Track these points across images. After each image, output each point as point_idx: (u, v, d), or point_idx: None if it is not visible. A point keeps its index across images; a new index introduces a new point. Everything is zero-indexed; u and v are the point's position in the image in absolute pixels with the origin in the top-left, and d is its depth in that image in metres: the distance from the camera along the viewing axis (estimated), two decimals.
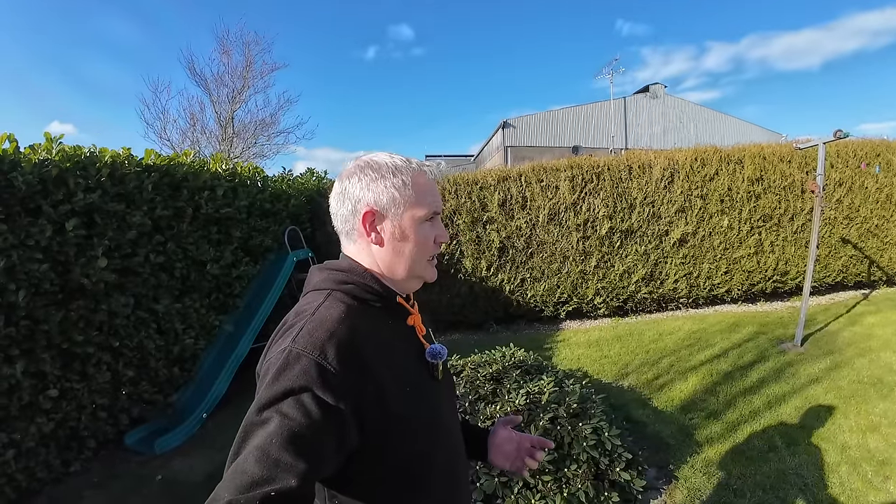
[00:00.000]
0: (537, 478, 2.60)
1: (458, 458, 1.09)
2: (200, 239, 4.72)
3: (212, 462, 3.86)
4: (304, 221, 6.28)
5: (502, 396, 3.06)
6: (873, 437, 3.26)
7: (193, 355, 4.70)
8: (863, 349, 4.89)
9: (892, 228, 6.49)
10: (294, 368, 0.76)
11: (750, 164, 6.15)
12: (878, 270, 6.62)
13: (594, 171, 5.99)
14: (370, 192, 0.94)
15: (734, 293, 6.31)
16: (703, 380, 4.39)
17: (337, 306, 0.88)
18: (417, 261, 0.98)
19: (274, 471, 0.68)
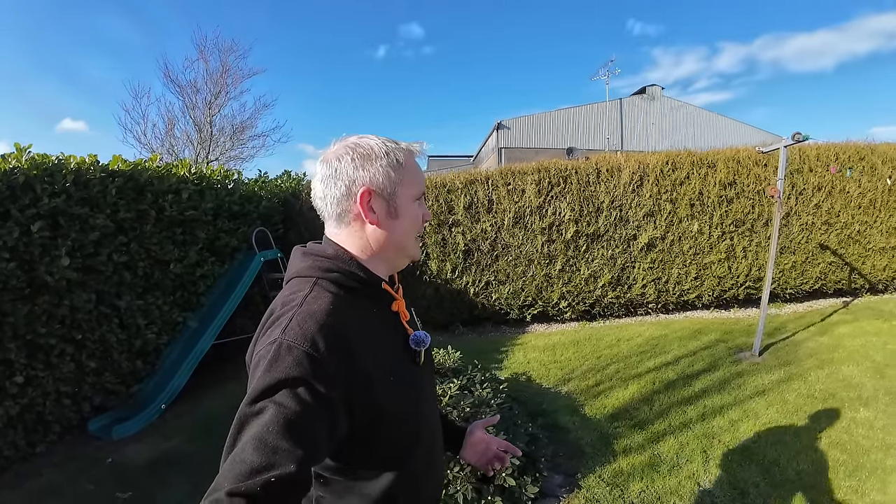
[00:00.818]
0: None
1: (435, 441, 1.12)
2: (164, 240, 4.88)
3: (158, 449, 4.04)
4: (276, 223, 6.40)
5: None
6: (805, 458, 3.05)
7: (156, 349, 4.86)
8: (824, 361, 4.68)
9: (875, 234, 6.17)
10: (286, 360, 0.77)
11: (723, 168, 5.94)
12: (860, 278, 6.30)
13: (561, 175, 5.89)
14: (366, 171, 0.93)
15: (705, 299, 6.11)
16: (644, 388, 4.28)
17: (324, 296, 0.88)
18: (408, 239, 1.00)
19: (273, 457, 0.69)
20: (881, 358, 4.66)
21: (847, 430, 3.36)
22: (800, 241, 6.11)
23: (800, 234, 6.10)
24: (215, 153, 14.71)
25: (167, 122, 14.85)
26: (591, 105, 20.10)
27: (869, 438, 3.22)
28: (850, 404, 3.72)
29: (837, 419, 3.52)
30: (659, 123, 20.97)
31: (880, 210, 6.19)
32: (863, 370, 4.41)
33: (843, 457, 3.04)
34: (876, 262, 6.31)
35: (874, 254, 6.28)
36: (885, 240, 6.24)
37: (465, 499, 2.54)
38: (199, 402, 4.86)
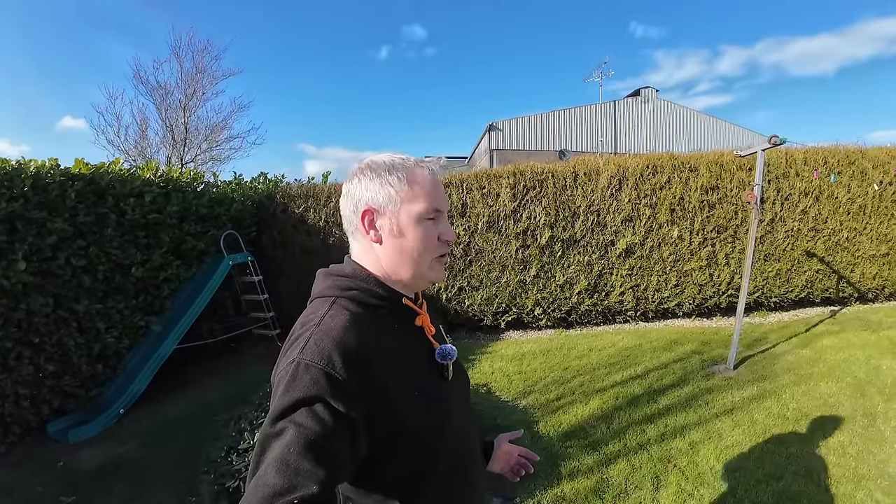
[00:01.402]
0: None
1: (469, 456, 1.07)
2: (126, 243, 4.81)
3: (109, 454, 3.98)
4: (249, 225, 6.30)
5: None
6: (765, 489, 2.80)
7: (116, 353, 4.82)
8: (802, 376, 4.43)
9: (865, 242, 5.87)
10: (304, 379, 0.76)
11: (705, 172, 5.69)
12: (849, 286, 6.01)
13: (537, 179, 5.69)
14: (368, 190, 0.94)
15: (686, 307, 5.87)
16: (606, 403, 4.07)
17: (342, 314, 0.87)
18: (420, 259, 0.95)
19: (295, 479, 0.68)
20: (863, 374, 4.39)
21: (817, 456, 3.11)
22: (785, 248, 5.83)
23: (785, 241, 5.81)
24: (190, 155, 14.62)
25: (140, 124, 14.81)
26: (585, 107, 19.76)
27: (840, 467, 2.97)
28: (824, 427, 3.46)
29: (808, 444, 3.26)
30: (653, 126, 20.62)
31: (870, 216, 5.87)
32: (842, 388, 4.13)
33: (809, 488, 2.79)
34: (865, 270, 6.00)
35: (864, 261, 5.98)
36: (876, 247, 5.93)
37: None
38: (159, 407, 4.77)
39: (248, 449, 2.81)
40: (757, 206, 4.45)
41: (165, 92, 14.85)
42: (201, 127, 15.44)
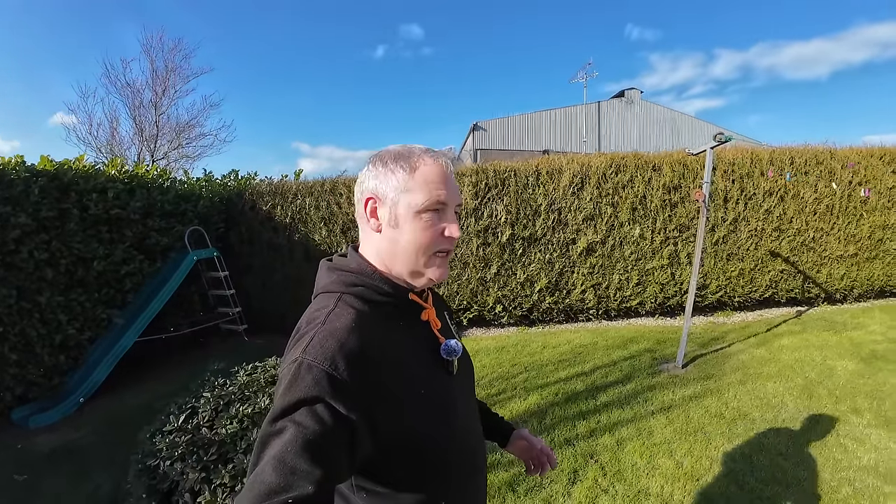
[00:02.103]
0: (239, 479, 2.54)
1: (474, 449, 1.08)
2: (89, 238, 4.97)
3: (64, 439, 4.17)
4: (217, 222, 6.48)
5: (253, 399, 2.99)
6: (681, 489, 2.81)
7: (78, 344, 4.99)
8: (751, 375, 4.44)
9: (833, 242, 5.84)
10: (305, 379, 0.77)
11: (668, 171, 5.72)
12: (815, 287, 5.96)
13: (500, 177, 5.74)
14: (375, 179, 0.93)
15: (648, 306, 5.89)
16: (544, 399, 4.13)
17: (347, 313, 0.86)
18: (417, 254, 0.92)
19: (291, 478, 0.69)
20: (815, 375, 4.37)
21: (745, 457, 3.07)
22: (748, 247, 5.82)
23: (748, 241, 5.81)
24: (161, 152, 14.91)
25: (111, 122, 15.21)
26: (569, 108, 19.86)
27: (769, 469, 2.92)
28: (761, 427, 3.43)
29: (739, 444, 3.23)
30: (637, 127, 20.76)
31: (838, 217, 5.84)
32: (790, 388, 4.10)
33: (730, 490, 2.76)
34: (833, 271, 5.96)
35: (831, 262, 5.95)
36: (843, 248, 5.90)
37: None
38: (118, 397, 4.93)
39: (172, 431, 2.91)
40: (705, 204, 4.45)
41: (134, 91, 15.28)
42: (172, 124, 15.86)
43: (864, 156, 5.96)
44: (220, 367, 3.73)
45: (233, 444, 2.76)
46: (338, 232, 6.05)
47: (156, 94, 15.42)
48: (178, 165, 15.58)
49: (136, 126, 15.26)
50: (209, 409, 3.10)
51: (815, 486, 2.77)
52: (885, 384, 4.07)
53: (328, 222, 6.08)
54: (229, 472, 2.56)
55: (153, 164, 12.85)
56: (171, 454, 2.76)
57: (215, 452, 2.75)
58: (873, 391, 3.94)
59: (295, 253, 6.16)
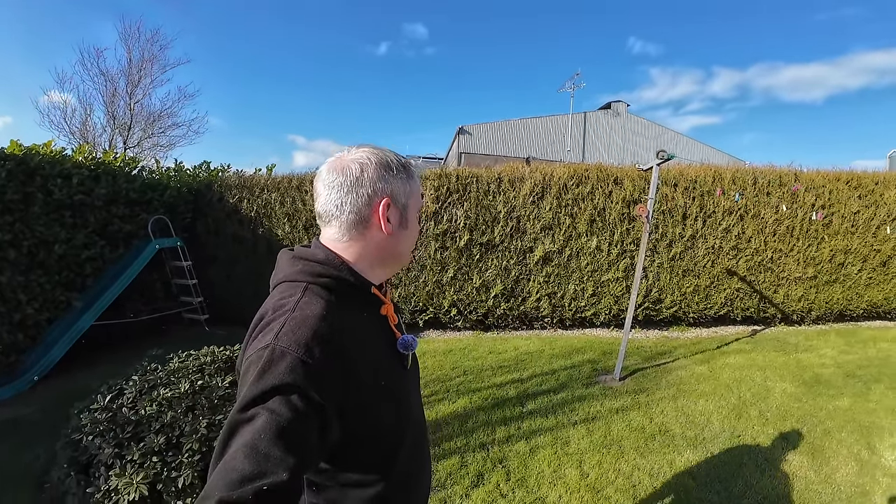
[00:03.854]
0: (148, 457, 2.72)
1: (423, 443, 1.17)
2: (51, 221, 5.16)
3: (14, 414, 4.48)
4: (184, 212, 6.76)
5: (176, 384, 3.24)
6: (580, 498, 2.94)
7: (36, 324, 5.23)
8: (684, 391, 4.59)
9: (791, 263, 5.98)
10: (279, 366, 0.78)
11: (629, 185, 5.86)
12: (772, 307, 6.06)
13: (462, 183, 5.91)
14: (387, 183, 0.98)
15: (603, 317, 6.07)
16: (473, 404, 4.31)
17: (317, 302, 0.89)
18: (410, 249, 1.06)
19: (265, 465, 0.70)
20: (750, 395, 4.49)
21: (653, 472, 3.21)
22: (705, 264, 5.99)
23: (705, 258, 5.97)
24: (133, 139, 15.29)
25: (85, 109, 15.69)
26: (555, 116, 20.20)
27: (674, 488, 3.04)
28: (679, 444, 3.55)
29: (650, 460, 3.34)
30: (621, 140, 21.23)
31: (798, 238, 5.99)
32: (720, 407, 4.23)
33: (629, 503, 2.91)
34: (791, 292, 6.10)
35: (789, 283, 6.10)
36: (802, 269, 6.05)
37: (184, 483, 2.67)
38: (72, 377, 5.19)
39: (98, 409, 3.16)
40: (648, 219, 4.60)
41: (108, 78, 15.77)
42: (145, 113, 16.35)
43: (829, 179, 6.09)
44: (157, 352, 3.97)
45: (147, 424, 3.02)
46: (300, 228, 6.29)
47: (131, 82, 15.97)
48: (150, 154, 16.11)
49: (109, 113, 15.84)
50: (134, 391, 3.36)
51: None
52: (821, 410, 4.16)
53: (292, 218, 6.32)
54: (140, 450, 2.80)
55: (124, 151, 13.22)
56: (93, 430, 3.05)
57: (130, 431, 3.01)
58: (805, 416, 4.03)
59: (258, 246, 6.40)
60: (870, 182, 6.15)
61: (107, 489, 2.69)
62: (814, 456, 3.43)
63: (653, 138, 22.32)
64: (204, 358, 3.74)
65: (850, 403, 4.28)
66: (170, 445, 2.87)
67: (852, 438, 3.68)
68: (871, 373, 4.95)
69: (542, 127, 20.82)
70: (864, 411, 4.13)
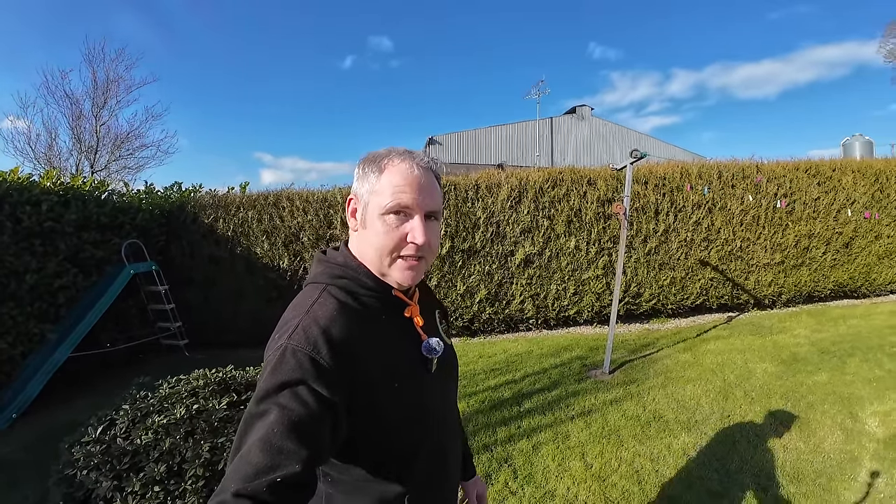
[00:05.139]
0: (150, 487, 2.65)
1: (445, 449, 1.12)
2: (21, 250, 5.04)
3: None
4: (157, 235, 6.61)
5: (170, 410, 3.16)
6: (585, 489, 3.00)
7: (11, 359, 5.04)
8: (671, 379, 4.73)
9: (759, 251, 6.26)
10: (289, 363, 0.81)
11: (603, 186, 6.06)
12: (744, 293, 6.34)
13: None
14: (355, 181, 1.01)
15: (585, 315, 6.22)
16: (469, 407, 4.30)
17: (330, 302, 0.91)
18: (381, 256, 0.96)
19: (278, 458, 0.72)
20: (734, 377, 4.68)
21: (653, 457, 3.31)
22: (679, 257, 6.21)
23: (679, 251, 6.20)
24: (100, 163, 14.99)
25: (49, 133, 15.37)
26: (523, 123, 20.88)
27: (674, 468, 3.16)
28: (674, 429, 3.68)
29: (649, 445, 3.45)
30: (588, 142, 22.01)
31: (763, 227, 6.27)
32: (707, 391, 4.39)
33: (633, 489, 2.99)
34: (761, 278, 6.38)
35: (758, 269, 6.38)
36: (770, 256, 6.34)
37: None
38: (52, 413, 5.01)
39: (89, 441, 3.06)
40: (625, 217, 4.76)
41: (73, 101, 15.47)
42: (112, 135, 16.05)
43: (789, 169, 6.43)
44: (144, 380, 3.87)
45: (145, 453, 2.93)
46: (279, 245, 6.23)
47: (96, 104, 15.65)
48: (119, 177, 15.73)
49: (75, 136, 15.48)
50: (126, 421, 3.27)
51: (719, 485, 2.95)
52: (802, 385, 4.39)
53: (270, 235, 6.26)
54: (140, 480, 2.73)
55: (91, 175, 12.88)
56: (87, 464, 2.93)
57: (128, 462, 2.92)
58: (788, 392, 4.25)
59: (237, 265, 6.32)
60: (827, 169, 6.53)
61: None
62: (801, 429, 3.60)
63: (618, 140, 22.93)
64: (196, 381, 3.67)
65: (829, 378, 4.51)
66: (171, 473, 2.81)
67: (835, 409, 3.88)
68: (844, 348, 5.23)
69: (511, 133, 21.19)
70: (842, 384, 4.36)
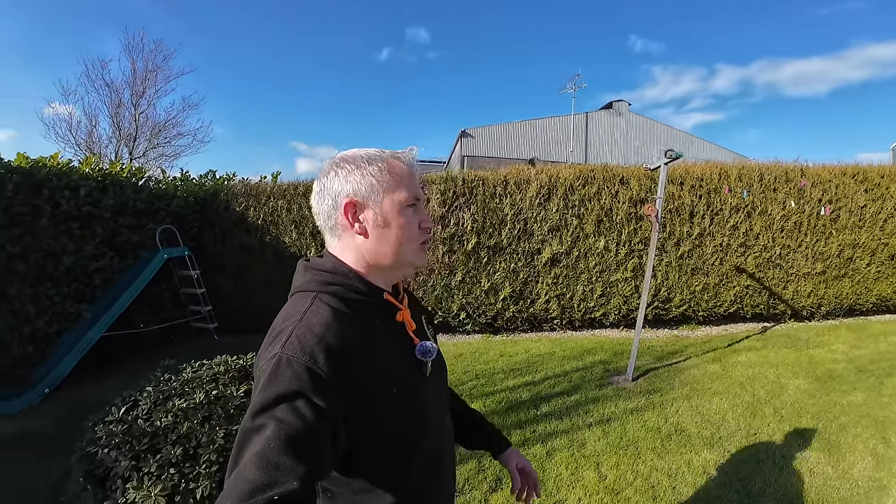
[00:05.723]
0: (166, 468, 2.72)
1: (444, 443, 1.14)
2: (59, 233, 5.19)
3: (24, 427, 4.44)
4: (191, 221, 6.77)
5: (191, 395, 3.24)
6: (598, 501, 2.90)
7: (46, 336, 5.23)
8: (697, 391, 4.53)
9: (799, 259, 5.98)
10: (285, 374, 0.78)
11: (636, 185, 5.87)
12: (781, 303, 6.07)
13: (468, 186, 5.91)
14: (348, 183, 0.96)
15: (612, 318, 6.07)
16: (486, 407, 4.21)
17: (324, 310, 0.89)
18: (405, 247, 0.99)
19: (275, 475, 0.70)
20: (764, 393, 4.43)
21: (671, 472, 3.16)
22: (713, 262, 5.98)
23: (714, 256, 5.96)
24: (139, 150, 15.42)
25: (90, 120, 15.96)
26: (557, 117, 20.32)
27: (693, 486, 3.01)
28: (696, 444, 3.49)
29: (668, 460, 3.30)
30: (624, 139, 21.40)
31: (806, 234, 5.98)
32: (735, 405, 4.15)
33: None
34: (800, 288, 6.09)
35: (798, 279, 6.09)
36: (811, 265, 6.03)
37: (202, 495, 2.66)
38: (83, 389, 5.18)
39: (112, 421, 3.16)
40: (657, 219, 4.59)
41: (113, 90, 16.05)
42: (150, 124, 16.62)
43: (835, 174, 6.09)
44: (170, 363, 3.97)
45: (164, 435, 2.99)
46: (307, 235, 6.31)
47: (135, 93, 16.20)
48: (157, 164, 16.33)
49: (115, 124, 16.09)
50: (149, 403, 3.35)
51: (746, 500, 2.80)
52: (835, 405, 4.11)
53: (299, 225, 6.34)
54: (157, 462, 2.79)
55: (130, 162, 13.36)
56: (109, 442, 3.02)
57: (147, 443, 2.99)
58: (820, 412, 3.98)
59: (266, 254, 6.41)
60: (875, 175, 6.15)
61: (124, 502, 2.69)
62: (830, 452, 3.38)
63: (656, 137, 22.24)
64: (217, 367, 3.74)
65: (864, 398, 4.24)
66: (187, 457, 2.86)
67: (868, 433, 3.63)
68: (883, 367, 4.92)
69: (545, 128, 20.86)
70: (877, 406, 4.09)
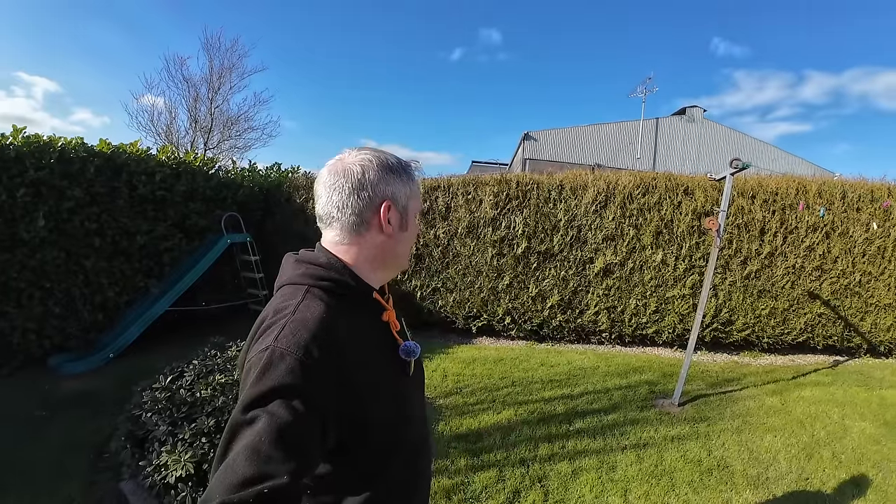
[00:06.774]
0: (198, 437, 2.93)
1: (422, 451, 1.15)
2: (135, 214, 5.59)
3: (87, 387, 4.76)
4: (254, 210, 7.12)
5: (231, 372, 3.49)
6: None
7: (116, 306, 5.64)
8: (750, 424, 4.15)
9: (881, 288, 5.44)
10: (279, 368, 0.78)
11: (701, 196, 5.54)
12: (857, 336, 5.50)
13: (522, 189, 5.82)
14: (389, 185, 0.97)
15: (665, 336, 5.74)
16: (518, 416, 4.09)
17: (317, 305, 0.89)
18: (409, 251, 1.09)
19: (265, 468, 0.69)
20: (824, 434, 3.99)
21: None
22: (784, 285, 5.51)
23: (784, 278, 5.49)
24: (213, 142, 16.25)
25: (170, 113, 17.11)
26: (625, 122, 19.39)
27: None
28: (739, 482, 3.22)
29: (705, 495, 3.06)
30: (696, 147, 19.97)
31: (889, 261, 5.44)
32: (789, 445, 3.77)
33: None
34: (879, 320, 5.51)
35: (878, 310, 5.52)
36: (894, 296, 5.41)
37: None
38: (145, 357, 5.51)
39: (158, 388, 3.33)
40: (718, 234, 4.29)
41: (191, 85, 17.24)
42: (224, 118, 17.73)
43: None
44: (218, 340, 4.14)
45: (201, 406, 3.12)
46: None
47: (211, 89, 17.37)
48: (228, 155, 17.43)
49: (192, 117, 17.30)
50: (193, 375, 3.50)
51: None
52: None
53: None
54: (190, 430, 2.92)
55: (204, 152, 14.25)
56: (153, 407, 3.20)
57: (185, 411, 3.13)
58: (883, 461, 3.56)
59: None
60: None
61: (157, 464, 2.81)
62: None
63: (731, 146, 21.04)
64: None
65: None
66: (218, 428, 2.96)
67: None
68: None
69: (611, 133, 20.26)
70: None
